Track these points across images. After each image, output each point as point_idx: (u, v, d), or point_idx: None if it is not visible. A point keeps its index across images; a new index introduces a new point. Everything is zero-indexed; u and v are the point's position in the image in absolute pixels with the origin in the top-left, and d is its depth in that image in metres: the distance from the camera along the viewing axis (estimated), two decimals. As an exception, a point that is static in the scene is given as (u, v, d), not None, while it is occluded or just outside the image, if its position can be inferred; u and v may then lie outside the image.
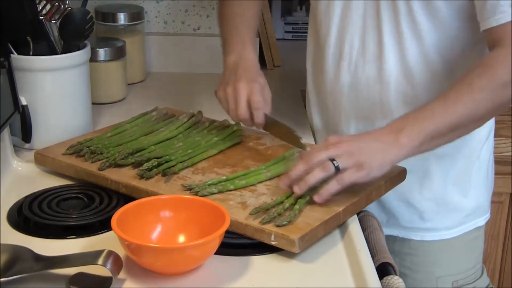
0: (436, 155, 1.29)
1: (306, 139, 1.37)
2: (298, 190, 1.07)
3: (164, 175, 1.17)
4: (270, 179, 1.17)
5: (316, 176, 1.05)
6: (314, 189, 1.09)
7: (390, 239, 1.36)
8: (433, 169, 1.31)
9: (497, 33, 1.11)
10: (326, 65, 1.32)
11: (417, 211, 1.34)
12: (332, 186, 1.05)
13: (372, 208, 1.22)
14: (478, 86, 1.08)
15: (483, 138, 1.34)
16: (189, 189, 1.13)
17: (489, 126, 1.36)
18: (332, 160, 1.05)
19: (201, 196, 1.09)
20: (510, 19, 1.09)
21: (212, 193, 1.11)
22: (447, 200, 1.33)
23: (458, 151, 1.31)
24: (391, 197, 1.27)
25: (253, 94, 1.23)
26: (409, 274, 1.38)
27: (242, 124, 1.32)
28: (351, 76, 1.29)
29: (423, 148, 1.08)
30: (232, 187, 1.13)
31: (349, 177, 1.05)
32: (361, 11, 1.25)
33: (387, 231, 1.34)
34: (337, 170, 1.05)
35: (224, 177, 1.16)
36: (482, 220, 1.38)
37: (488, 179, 1.40)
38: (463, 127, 1.10)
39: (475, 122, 1.12)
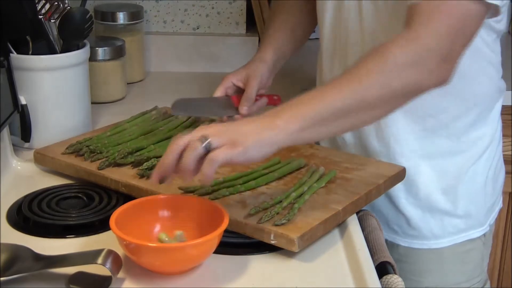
0: (425, 163, 1.27)
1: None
2: (184, 180, 0.98)
3: (162, 182, 1.16)
4: (278, 178, 1.17)
5: (187, 158, 0.95)
6: (313, 189, 1.10)
7: None
8: (419, 176, 1.27)
9: (411, 10, 1.02)
10: (322, 62, 1.33)
11: (404, 216, 1.30)
12: (206, 168, 0.95)
13: None
14: (367, 69, 0.99)
15: (479, 151, 1.29)
16: (191, 191, 1.12)
17: (487, 141, 1.30)
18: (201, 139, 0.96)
19: (214, 199, 1.09)
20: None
21: (224, 195, 1.10)
22: (434, 209, 1.29)
23: (448, 161, 1.27)
24: (381, 198, 1.23)
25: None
26: None
27: None
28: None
29: (306, 133, 0.99)
30: (243, 189, 1.12)
31: (222, 154, 0.95)
32: (354, 7, 1.23)
33: None
34: (208, 148, 0.95)
35: (221, 178, 1.16)
36: (476, 232, 1.32)
37: (487, 192, 1.33)
38: (352, 113, 1.00)
39: (366, 109, 1.00)
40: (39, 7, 1.37)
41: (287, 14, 1.39)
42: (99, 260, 0.91)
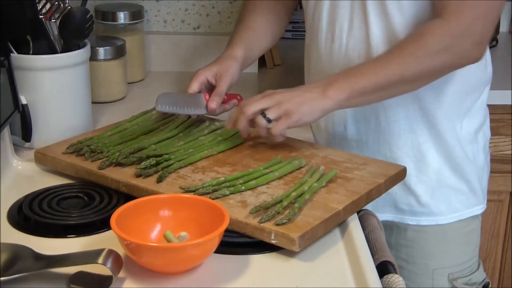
0: (433, 140, 1.32)
1: (305, 137, 1.38)
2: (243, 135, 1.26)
3: (159, 181, 1.16)
4: (278, 178, 1.17)
5: (257, 129, 1.20)
6: (313, 188, 1.10)
7: (387, 230, 1.35)
8: (429, 153, 1.33)
9: (441, 3, 1.17)
10: (319, 51, 1.34)
11: (414, 194, 1.35)
12: (273, 139, 1.21)
13: None
14: (407, 52, 1.17)
15: (477, 125, 1.36)
16: (191, 191, 1.12)
17: (483, 115, 1.38)
18: (263, 113, 1.18)
19: (214, 198, 1.09)
20: None
21: (225, 195, 1.10)
22: (443, 184, 1.35)
23: (452, 137, 1.33)
24: None
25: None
26: (405, 266, 1.39)
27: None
28: (343, 59, 1.30)
29: (350, 102, 1.19)
30: (243, 188, 1.12)
31: (281, 126, 1.18)
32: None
33: (383, 216, 1.36)
34: (268, 121, 1.18)
35: (222, 178, 1.16)
36: (478, 209, 1.39)
37: (484, 170, 1.41)
38: (392, 87, 1.19)
39: (403, 84, 1.20)
40: (39, 7, 1.37)
41: (258, 15, 1.44)
42: (100, 260, 0.91)
